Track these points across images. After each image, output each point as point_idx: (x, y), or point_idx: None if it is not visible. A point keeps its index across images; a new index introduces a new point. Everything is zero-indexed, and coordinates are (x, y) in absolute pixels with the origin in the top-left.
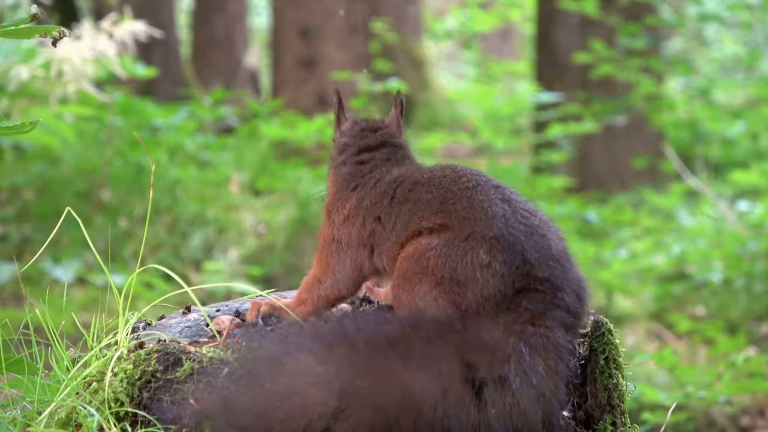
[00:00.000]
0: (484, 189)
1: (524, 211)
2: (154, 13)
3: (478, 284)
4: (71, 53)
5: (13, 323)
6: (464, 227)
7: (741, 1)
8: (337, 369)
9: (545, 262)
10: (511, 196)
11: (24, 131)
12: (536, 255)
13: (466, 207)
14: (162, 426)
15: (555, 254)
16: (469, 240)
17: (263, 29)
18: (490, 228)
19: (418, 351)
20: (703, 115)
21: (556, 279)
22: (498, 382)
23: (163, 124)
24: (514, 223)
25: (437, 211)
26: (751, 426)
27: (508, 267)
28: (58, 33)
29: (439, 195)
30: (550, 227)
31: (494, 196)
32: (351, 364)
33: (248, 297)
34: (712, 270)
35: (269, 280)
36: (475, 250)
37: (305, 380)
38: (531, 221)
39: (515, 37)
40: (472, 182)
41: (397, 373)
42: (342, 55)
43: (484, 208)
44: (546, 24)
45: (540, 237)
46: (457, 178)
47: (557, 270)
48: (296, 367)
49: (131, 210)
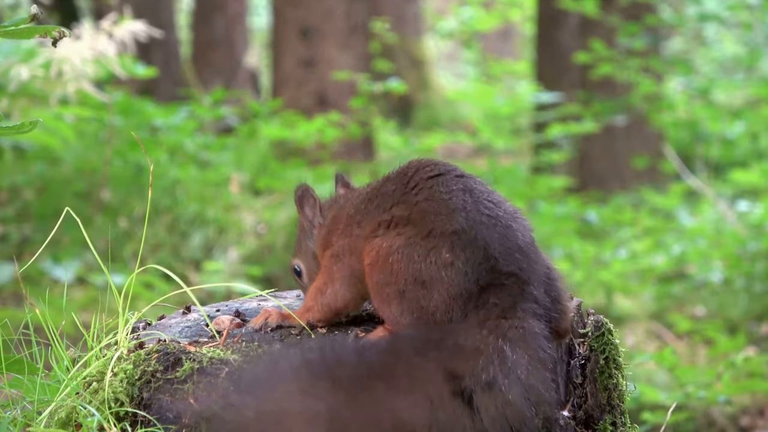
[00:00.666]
0: (446, 179)
1: (488, 202)
2: (154, 14)
3: (444, 284)
4: (71, 53)
5: (13, 323)
6: (425, 223)
7: (741, 1)
8: (324, 400)
9: (510, 255)
10: (475, 186)
11: (24, 131)
12: (500, 248)
13: (427, 198)
14: (162, 426)
15: (521, 246)
16: (430, 238)
17: (263, 29)
18: (451, 223)
19: (400, 374)
20: (703, 115)
21: (523, 272)
22: (486, 387)
23: (163, 124)
24: (476, 215)
25: (397, 202)
26: (751, 426)
27: (471, 264)
28: (58, 33)
29: (401, 185)
30: (516, 218)
31: (456, 187)
32: (336, 397)
33: (248, 297)
34: (712, 270)
35: (269, 280)
36: (437, 249)
37: (292, 408)
38: (494, 212)
39: (515, 37)
40: (435, 171)
41: (384, 401)
42: (342, 55)
43: (444, 201)
44: (546, 24)
45: (504, 228)
46: (420, 167)
47: (523, 263)
48: (284, 394)
49: (131, 210)
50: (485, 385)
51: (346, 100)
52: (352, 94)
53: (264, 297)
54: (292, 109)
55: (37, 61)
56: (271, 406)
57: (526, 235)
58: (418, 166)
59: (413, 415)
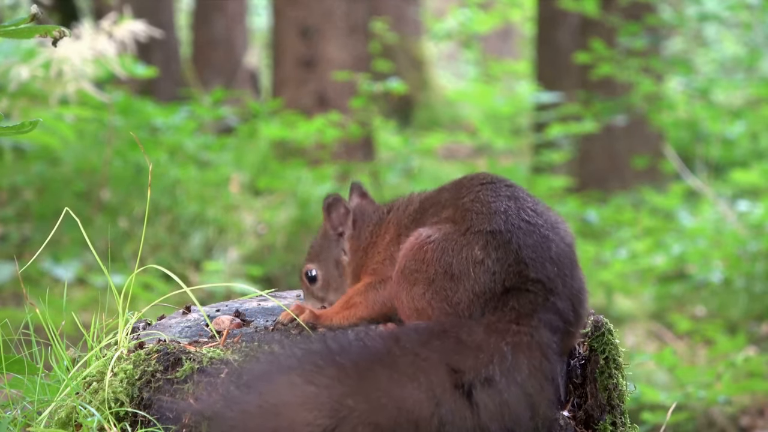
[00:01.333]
0: (495, 186)
1: (530, 210)
2: (154, 14)
3: (470, 280)
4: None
5: (13, 323)
6: (465, 220)
7: (741, 1)
8: (327, 389)
9: (541, 263)
10: (520, 195)
11: (24, 131)
12: (532, 255)
13: (473, 200)
14: (162, 426)
15: (554, 257)
16: (466, 234)
17: (263, 29)
18: (489, 223)
19: (404, 363)
20: (703, 115)
21: (550, 282)
22: (485, 383)
23: (163, 124)
24: (515, 220)
25: (448, 205)
26: (751, 426)
27: (500, 264)
28: (58, 33)
29: (454, 192)
30: (557, 229)
31: (503, 193)
32: (341, 384)
33: (248, 297)
34: (712, 270)
35: (269, 280)
36: (470, 245)
37: (294, 400)
38: (535, 220)
39: (515, 37)
40: (486, 180)
41: (388, 389)
42: (342, 55)
43: (488, 203)
44: (546, 24)
45: (541, 237)
46: (475, 177)
47: (552, 273)
48: (286, 386)
49: (131, 210)
50: (484, 381)
51: (346, 100)
52: (352, 94)
53: (264, 297)
54: (292, 109)
55: (37, 61)
56: (272, 399)
57: (562, 247)
58: (473, 177)
59: (416, 404)
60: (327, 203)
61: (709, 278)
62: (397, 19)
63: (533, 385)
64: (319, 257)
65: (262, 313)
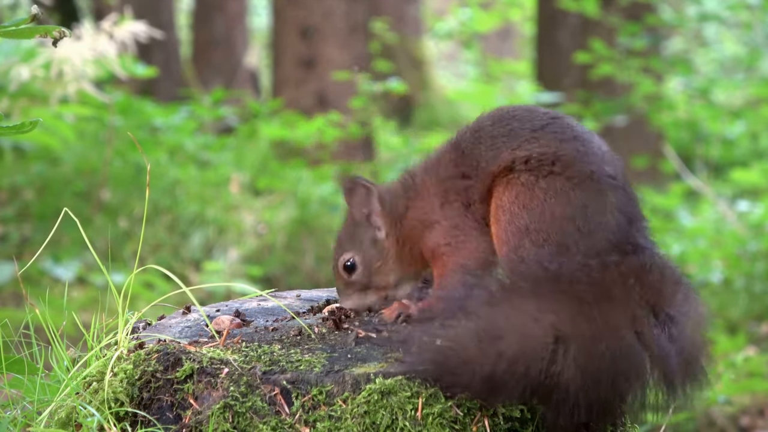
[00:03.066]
0: (565, 119)
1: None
2: (154, 14)
3: (610, 229)
4: (71, 53)
5: (13, 323)
6: (584, 165)
7: (741, 1)
8: (553, 313)
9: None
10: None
11: (24, 131)
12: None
13: (575, 137)
14: (162, 426)
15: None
16: (594, 180)
17: (263, 29)
18: (606, 165)
19: (618, 295)
20: (703, 115)
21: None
22: (671, 320)
23: (163, 124)
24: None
25: (528, 139)
26: (751, 426)
27: (624, 215)
28: (59, 33)
29: (521, 124)
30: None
31: (581, 126)
32: (563, 310)
33: (248, 297)
34: (712, 270)
35: (269, 280)
36: (602, 191)
37: (526, 316)
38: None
39: (515, 37)
40: (551, 112)
41: (605, 318)
42: (342, 55)
43: (587, 140)
44: (546, 24)
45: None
46: (524, 109)
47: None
48: (517, 305)
49: (131, 210)
50: (674, 316)
51: (346, 100)
52: (352, 94)
53: (264, 297)
54: (292, 109)
55: (37, 61)
56: (500, 321)
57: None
58: (518, 106)
59: (628, 338)
60: (347, 188)
61: (709, 278)
62: (397, 19)
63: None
64: (353, 243)
65: (262, 313)
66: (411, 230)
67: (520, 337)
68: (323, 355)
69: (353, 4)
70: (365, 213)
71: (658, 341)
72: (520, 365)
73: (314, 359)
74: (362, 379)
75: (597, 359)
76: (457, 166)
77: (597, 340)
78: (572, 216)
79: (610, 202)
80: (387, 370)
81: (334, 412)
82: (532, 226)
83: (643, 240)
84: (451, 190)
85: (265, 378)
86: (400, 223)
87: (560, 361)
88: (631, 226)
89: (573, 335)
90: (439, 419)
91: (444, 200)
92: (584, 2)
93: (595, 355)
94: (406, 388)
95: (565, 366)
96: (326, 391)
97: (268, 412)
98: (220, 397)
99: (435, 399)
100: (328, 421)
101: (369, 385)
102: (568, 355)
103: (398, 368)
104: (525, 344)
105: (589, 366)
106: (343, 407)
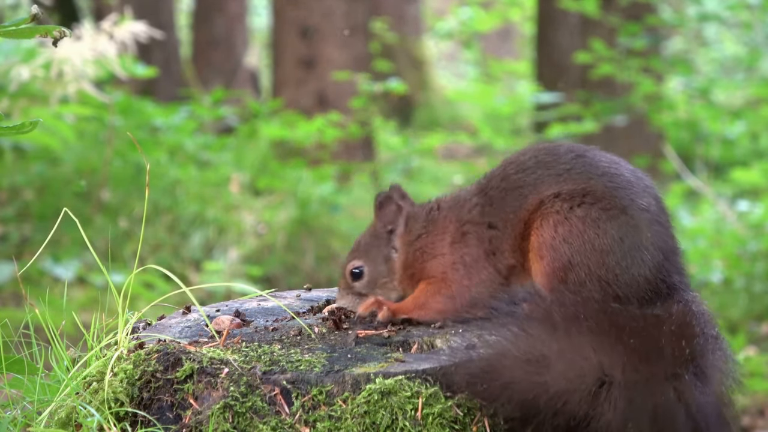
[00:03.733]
0: (592, 152)
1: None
2: (154, 14)
3: (646, 266)
4: (71, 53)
5: (13, 323)
6: (616, 199)
7: (741, 1)
8: (608, 355)
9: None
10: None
11: (24, 131)
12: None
13: (603, 173)
14: (162, 426)
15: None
16: (627, 215)
17: (263, 29)
18: (639, 198)
19: (665, 351)
20: (703, 115)
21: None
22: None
23: (163, 124)
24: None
25: (560, 182)
26: (751, 426)
27: (657, 246)
28: (59, 33)
29: (545, 170)
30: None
31: (607, 157)
32: (621, 355)
33: (248, 297)
34: (712, 270)
35: (269, 280)
36: (637, 226)
37: (579, 352)
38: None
39: (515, 37)
40: (577, 150)
41: (656, 373)
42: (342, 55)
43: (615, 173)
44: (546, 24)
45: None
46: (546, 152)
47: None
48: (573, 337)
49: (131, 210)
50: (707, 371)
51: (346, 100)
52: (352, 94)
53: (264, 297)
54: (292, 109)
55: (37, 61)
56: (554, 349)
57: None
58: (544, 150)
59: (670, 395)
60: (379, 200)
61: (709, 278)
62: (397, 19)
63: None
64: (368, 254)
65: (262, 313)
66: (416, 256)
67: (569, 372)
68: (323, 355)
69: (353, 4)
70: (388, 229)
71: (695, 397)
72: (561, 400)
73: (314, 359)
74: (362, 379)
75: (637, 409)
76: (482, 215)
77: (640, 390)
78: (610, 249)
79: (646, 237)
80: (387, 371)
81: (334, 412)
82: (575, 260)
83: (677, 278)
84: (472, 235)
85: (265, 378)
86: (410, 246)
87: (602, 404)
88: (667, 262)
89: (619, 382)
90: (439, 419)
91: (456, 240)
92: (584, 2)
93: (636, 405)
94: (406, 388)
95: (606, 410)
96: (326, 391)
97: (268, 412)
98: (220, 397)
99: (435, 399)
100: (328, 421)
101: (369, 385)
102: (610, 400)
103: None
104: (572, 381)
105: (628, 414)
106: (343, 407)
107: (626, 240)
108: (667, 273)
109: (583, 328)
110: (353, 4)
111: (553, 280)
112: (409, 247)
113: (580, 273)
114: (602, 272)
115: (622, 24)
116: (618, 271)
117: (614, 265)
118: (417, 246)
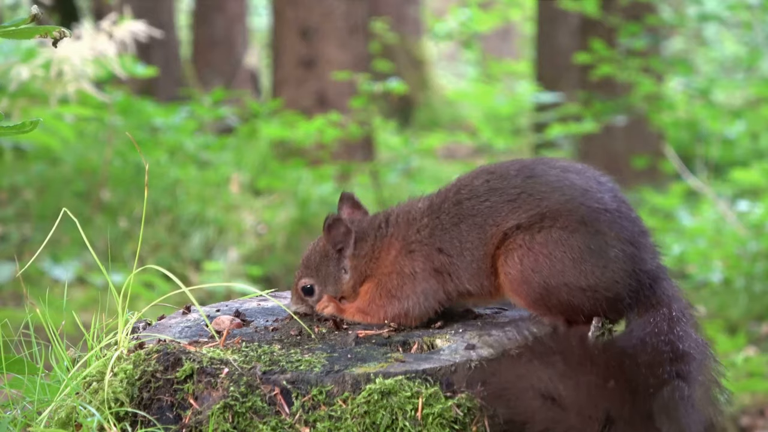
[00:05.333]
0: (540, 167)
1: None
2: (154, 14)
3: (622, 260)
4: (71, 53)
5: (13, 323)
6: (572, 212)
7: (741, 1)
8: (610, 400)
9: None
10: (567, 165)
11: (24, 131)
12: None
13: (549, 192)
14: (162, 426)
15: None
16: (587, 224)
17: (263, 29)
18: (594, 201)
19: (654, 381)
20: (703, 115)
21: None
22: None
23: (163, 124)
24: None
25: (511, 210)
26: (751, 426)
27: (632, 260)
28: (59, 33)
29: (498, 197)
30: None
31: (556, 168)
32: (622, 395)
33: (248, 297)
34: (712, 270)
35: (269, 280)
36: (601, 231)
37: (587, 394)
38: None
39: (515, 37)
40: (523, 169)
41: (651, 408)
42: (342, 55)
43: (568, 185)
44: (546, 24)
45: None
46: (497, 177)
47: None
48: (583, 376)
49: (131, 210)
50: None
51: (346, 100)
52: (352, 94)
53: (264, 297)
54: (292, 109)
55: (37, 61)
56: (570, 389)
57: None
58: (496, 174)
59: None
60: (328, 224)
61: (709, 278)
62: (397, 19)
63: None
64: (317, 273)
65: (262, 313)
66: (365, 276)
67: (580, 413)
68: (323, 355)
69: (353, 4)
70: (338, 248)
71: (684, 415)
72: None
73: (314, 359)
74: (362, 379)
75: None
76: (431, 236)
77: (638, 425)
78: (581, 257)
79: (611, 236)
80: (387, 371)
81: (334, 412)
82: (551, 284)
83: (654, 263)
84: (418, 252)
85: (265, 378)
86: (358, 266)
87: None
88: (640, 251)
89: (619, 419)
90: (439, 419)
91: (401, 255)
92: (584, 2)
93: None
94: (406, 388)
95: None
96: (326, 391)
97: (268, 412)
98: (220, 397)
99: (435, 399)
100: (328, 421)
101: (369, 385)
102: None
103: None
104: (582, 422)
105: None
106: (343, 407)
107: (593, 245)
108: (644, 261)
109: (589, 367)
110: (353, 4)
111: (538, 311)
112: (356, 268)
113: (561, 294)
114: (582, 282)
115: (622, 24)
116: (597, 273)
117: (590, 270)
118: (364, 265)
